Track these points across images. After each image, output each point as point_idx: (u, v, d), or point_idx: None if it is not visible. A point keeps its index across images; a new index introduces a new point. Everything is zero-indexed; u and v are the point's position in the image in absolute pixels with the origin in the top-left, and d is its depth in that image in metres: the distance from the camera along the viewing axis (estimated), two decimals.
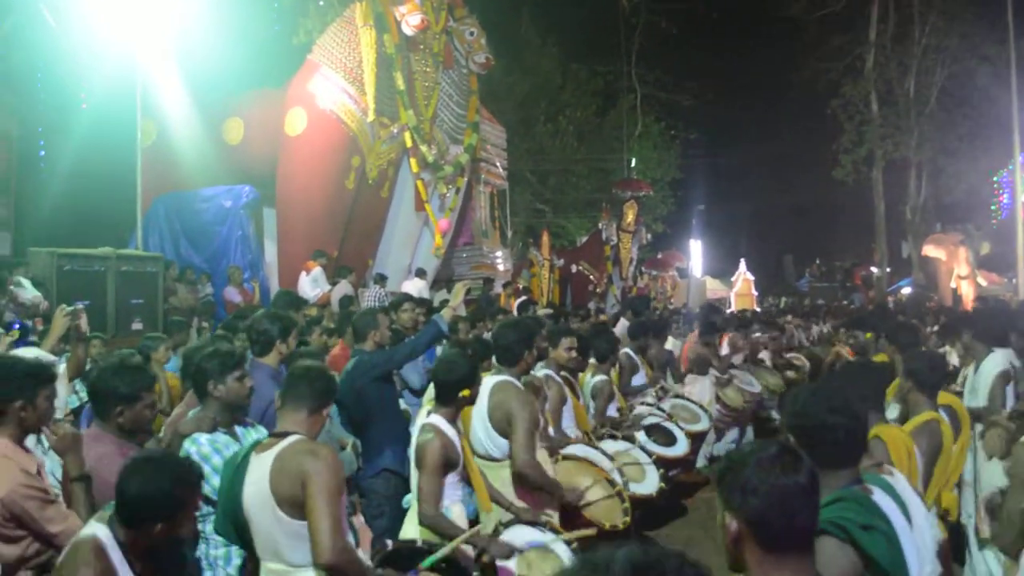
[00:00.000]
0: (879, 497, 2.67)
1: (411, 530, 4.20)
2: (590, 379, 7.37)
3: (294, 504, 3.18)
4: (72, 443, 3.43)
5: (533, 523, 4.36)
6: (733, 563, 2.07)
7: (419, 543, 3.83)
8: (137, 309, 11.71)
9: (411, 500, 4.36)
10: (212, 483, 3.76)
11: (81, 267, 11.45)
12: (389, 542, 3.84)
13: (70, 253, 11.43)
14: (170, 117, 14.35)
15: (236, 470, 3.44)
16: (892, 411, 4.79)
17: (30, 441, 3.77)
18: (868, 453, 3.09)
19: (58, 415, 4.26)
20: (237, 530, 3.46)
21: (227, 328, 8.46)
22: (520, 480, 4.72)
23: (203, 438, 3.93)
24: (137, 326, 11.58)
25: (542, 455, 5.07)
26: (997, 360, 6.14)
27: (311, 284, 13.50)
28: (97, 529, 2.81)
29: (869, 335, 8.34)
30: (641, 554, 1.44)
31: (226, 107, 15.21)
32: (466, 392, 4.26)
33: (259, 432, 4.10)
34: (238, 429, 4.10)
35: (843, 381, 3.86)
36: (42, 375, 3.54)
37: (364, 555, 3.50)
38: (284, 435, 3.35)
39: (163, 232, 14.15)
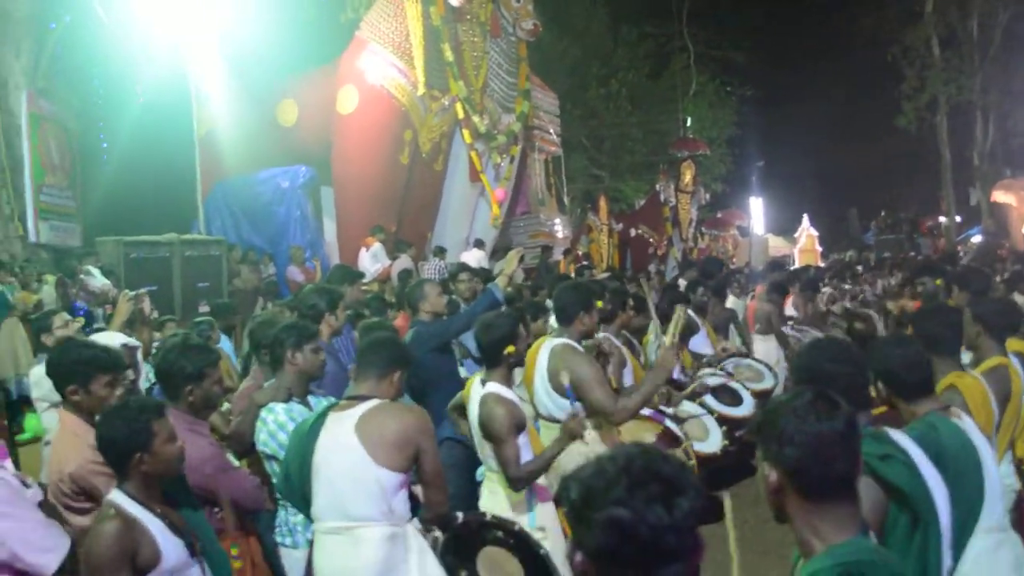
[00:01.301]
0: (896, 435, 2.67)
1: (490, 501, 4.25)
2: (652, 340, 7.35)
3: (395, 458, 3.45)
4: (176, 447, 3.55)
5: None
6: (777, 515, 2.06)
7: (488, 517, 3.87)
8: (203, 292, 11.94)
9: (484, 472, 4.38)
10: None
11: (147, 254, 11.72)
12: (459, 514, 3.85)
13: (136, 241, 11.69)
14: (224, 104, 14.54)
15: (309, 431, 3.60)
16: (964, 357, 4.66)
17: None
18: (934, 397, 3.10)
19: None
20: (298, 492, 3.62)
21: (291, 308, 8.69)
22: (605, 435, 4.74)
23: (279, 407, 4.02)
24: (204, 308, 11.82)
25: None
26: None
27: (371, 259, 13.65)
28: (112, 494, 3.02)
29: (939, 281, 8.08)
30: (638, 453, 1.56)
31: (278, 89, 15.37)
32: (511, 349, 4.22)
33: (331, 402, 4.12)
34: (311, 399, 4.20)
35: (917, 326, 3.83)
36: (96, 363, 3.65)
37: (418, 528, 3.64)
38: (361, 399, 3.58)
39: (224, 216, 14.40)
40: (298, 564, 3.86)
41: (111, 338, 4.84)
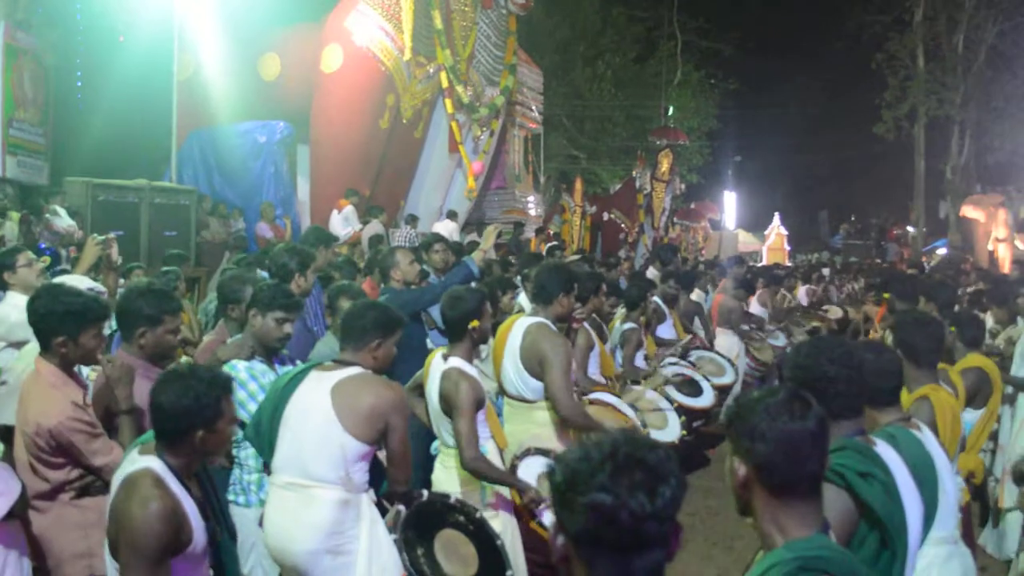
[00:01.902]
0: (882, 449, 2.67)
1: (443, 476, 4.27)
2: (619, 326, 7.41)
3: (362, 429, 3.46)
4: (123, 375, 3.44)
5: (546, 452, 4.43)
6: (742, 507, 2.10)
7: (453, 499, 3.88)
8: (170, 241, 11.77)
9: (438, 446, 4.39)
10: (248, 408, 3.86)
11: (115, 198, 11.54)
12: (425, 492, 3.87)
13: (105, 183, 11.50)
14: (207, 51, 14.28)
15: (288, 383, 3.63)
16: None
17: None
18: (898, 408, 3.12)
19: None
20: (267, 440, 3.63)
21: (257, 264, 8.61)
22: (564, 424, 4.73)
23: (241, 364, 4.00)
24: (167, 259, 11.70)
25: None
26: None
27: (342, 222, 13.55)
28: (149, 462, 2.80)
29: (887, 295, 8.15)
30: (624, 440, 1.58)
31: (263, 42, 15.10)
32: (475, 324, 4.21)
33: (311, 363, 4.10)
34: (276, 363, 4.17)
35: (899, 335, 3.85)
36: (87, 315, 3.52)
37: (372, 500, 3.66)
38: (345, 364, 3.62)
39: (197, 166, 14.19)
40: (250, 523, 3.83)
41: (77, 282, 4.71)
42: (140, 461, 2.82)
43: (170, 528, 2.70)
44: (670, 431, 6.21)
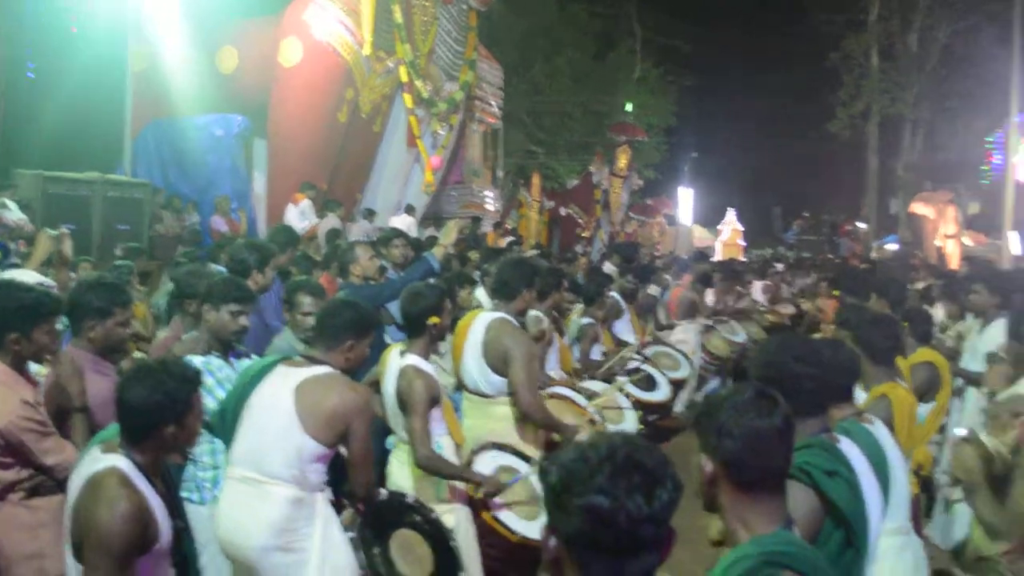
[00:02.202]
0: (846, 446, 2.71)
1: (397, 471, 4.27)
2: (576, 320, 7.46)
3: (322, 430, 3.42)
4: (74, 374, 3.40)
5: (503, 447, 4.45)
6: (708, 504, 2.12)
7: (409, 499, 3.88)
8: (123, 235, 11.64)
9: (394, 440, 4.38)
10: (205, 404, 3.77)
11: (68, 191, 11.42)
12: (383, 491, 3.87)
13: (57, 176, 11.37)
14: (163, 43, 14.09)
15: (255, 375, 3.61)
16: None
17: None
18: (851, 404, 3.18)
19: None
20: (231, 430, 3.60)
21: (210, 258, 8.53)
22: (524, 420, 4.74)
23: (197, 360, 3.91)
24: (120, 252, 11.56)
25: None
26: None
27: (299, 216, 13.45)
28: (114, 460, 2.74)
29: (836, 292, 8.28)
30: (622, 441, 1.59)
31: (220, 35, 14.96)
32: (435, 320, 4.21)
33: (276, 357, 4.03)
34: (232, 358, 4.13)
35: (860, 333, 3.92)
36: (40, 310, 3.44)
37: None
38: (314, 362, 3.58)
39: (152, 159, 14.04)
40: (204, 521, 3.77)
41: (27, 277, 4.62)
42: (104, 460, 2.76)
43: (138, 528, 2.67)
44: (626, 424, 6.26)
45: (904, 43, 30.92)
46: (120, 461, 2.74)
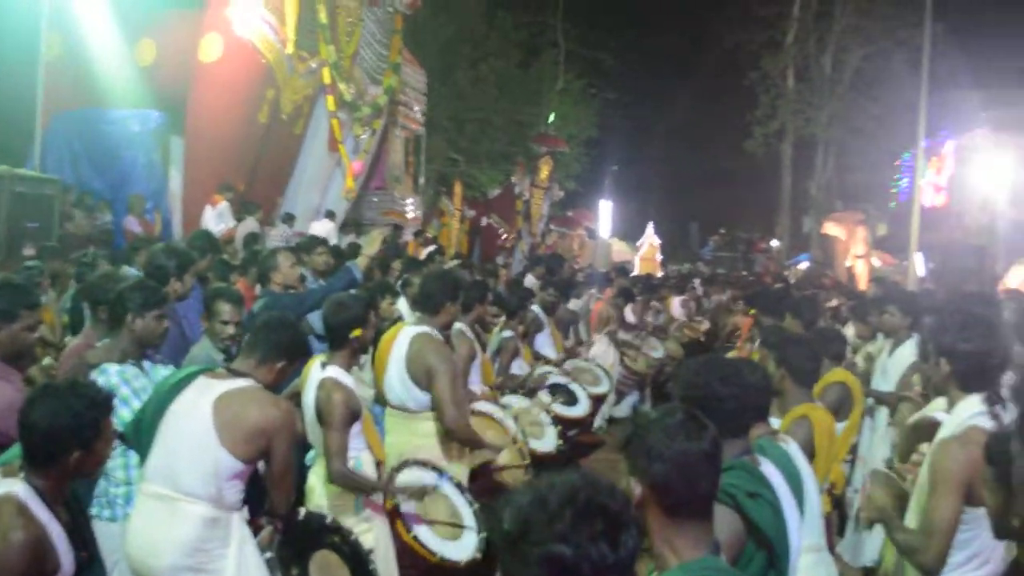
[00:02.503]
0: (766, 468, 2.73)
1: (316, 487, 4.19)
2: (497, 334, 7.46)
3: (240, 446, 3.35)
4: None
5: (423, 464, 4.42)
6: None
7: (328, 519, 3.82)
8: (31, 233, 11.19)
9: (314, 456, 4.33)
10: (120, 414, 3.67)
11: None
12: (302, 510, 3.82)
13: None
14: (78, 31, 13.63)
15: (174, 385, 3.52)
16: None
17: None
18: (766, 423, 3.20)
19: None
20: (147, 441, 3.49)
21: (125, 260, 8.29)
22: (448, 436, 4.73)
23: (112, 368, 3.86)
24: (29, 251, 11.08)
25: None
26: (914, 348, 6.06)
27: (216, 219, 13.16)
28: (11, 486, 2.62)
29: (752, 311, 8.41)
30: (583, 483, 1.50)
31: (139, 26, 14.47)
32: (358, 333, 4.16)
33: (168, 370, 4.08)
34: (146, 364, 4.05)
35: (782, 354, 3.98)
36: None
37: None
38: (237, 374, 3.52)
39: (63, 153, 13.48)
40: (114, 539, 3.65)
41: None
42: (2, 485, 2.65)
43: (35, 560, 2.55)
44: (547, 441, 6.30)
45: (819, 65, 32.02)
46: (17, 487, 2.62)
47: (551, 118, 32.41)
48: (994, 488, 2.53)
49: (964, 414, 3.16)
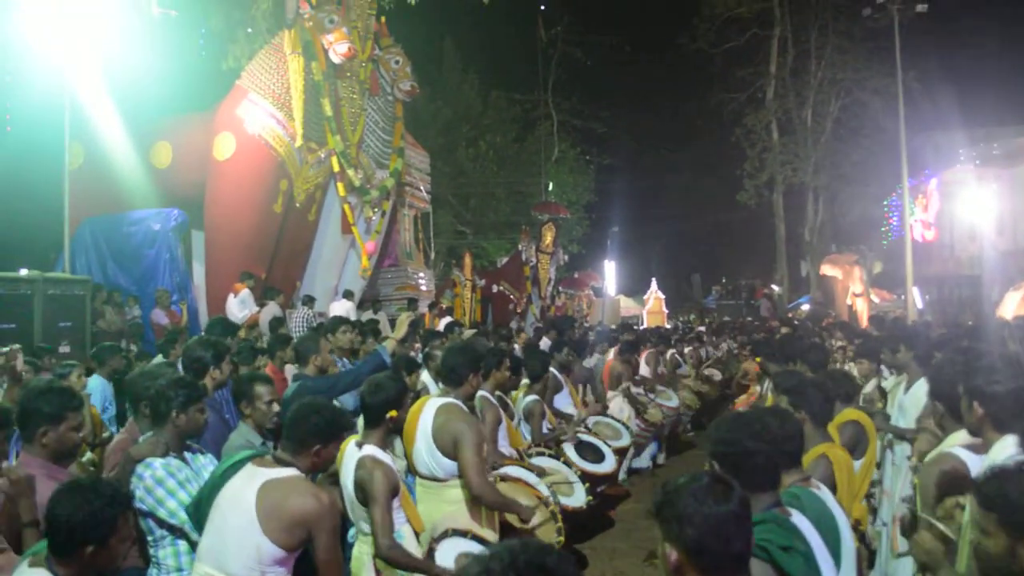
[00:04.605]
0: (797, 519, 2.77)
1: (361, 565, 4.26)
2: (522, 399, 7.67)
3: (281, 535, 3.37)
4: (25, 488, 3.33)
5: (463, 534, 4.49)
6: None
7: None
8: (64, 332, 11.60)
9: (354, 533, 4.40)
10: (168, 506, 3.81)
11: (7, 290, 11.28)
12: None
13: None
14: (98, 140, 14.32)
15: (227, 469, 3.59)
16: None
17: None
18: (799, 469, 3.26)
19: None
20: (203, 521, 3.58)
21: (161, 351, 8.65)
22: (476, 503, 4.80)
23: (157, 462, 3.89)
24: (64, 349, 11.51)
25: None
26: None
27: (239, 305, 13.60)
28: (35, 574, 2.74)
29: (758, 359, 8.43)
30: (521, 548, 1.59)
31: (154, 131, 15.28)
32: (393, 413, 4.25)
33: (207, 458, 4.19)
34: (187, 455, 4.11)
35: (795, 398, 4.05)
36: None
37: None
38: (282, 463, 3.54)
39: (90, 255, 14.11)
40: None
41: None
42: (27, 574, 2.77)
43: None
44: (576, 497, 6.44)
45: (800, 117, 32.92)
46: (40, 575, 2.74)
47: (550, 186, 33.15)
48: (997, 533, 2.46)
49: (1002, 455, 3.15)
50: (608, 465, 7.45)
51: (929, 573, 3.23)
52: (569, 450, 7.23)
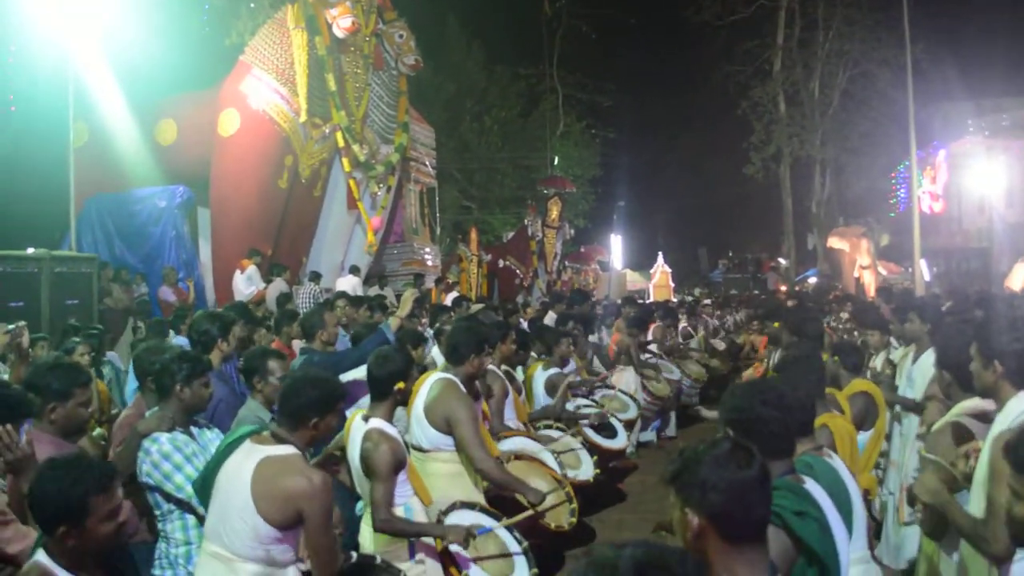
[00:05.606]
0: (811, 486, 2.77)
1: (368, 535, 4.27)
2: (542, 372, 7.70)
3: (274, 514, 3.31)
4: (28, 463, 3.30)
5: (471, 506, 4.52)
6: (696, 557, 2.13)
7: (378, 560, 3.91)
8: (72, 310, 11.61)
9: (362, 507, 4.40)
10: (174, 480, 3.82)
11: (14, 269, 11.30)
12: (354, 554, 3.88)
13: (3, 255, 11.29)
14: (102, 118, 14.33)
15: (228, 445, 3.56)
16: None
17: None
18: (811, 438, 3.28)
19: None
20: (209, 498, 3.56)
21: (171, 327, 8.69)
22: (483, 477, 4.82)
23: (163, 437, 3.89)
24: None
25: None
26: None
27: (246, 282, 13.66)
28: (38, 556, 2.71)
29: (777, 324, 8.37)
30: (645, 552, 1.56)
31: (158, 108, 15.27)
32: (400, 385, 4.25)
33: (213, 432, 4.17)
34: (193, 429, 4.10)
35: (792, 373, 4.00)
36: (20, 410, 3.44)
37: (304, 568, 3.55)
38: (279, 440, 3.45)
39: (96, 233, 14.17)
40: None
41: None
42: (38, 554, 2.75)
43: None
44: (584, 470, 6.51)
45: (807, 89, 32.69)
46: (41, 557, 2.71)
47: (556, 161, 33.07)
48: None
49: (1016, 409, 3.22)
50: (621, 440, 7.55)
51: (935, 529, 3.28)
52: (585, 427, 7.25)
